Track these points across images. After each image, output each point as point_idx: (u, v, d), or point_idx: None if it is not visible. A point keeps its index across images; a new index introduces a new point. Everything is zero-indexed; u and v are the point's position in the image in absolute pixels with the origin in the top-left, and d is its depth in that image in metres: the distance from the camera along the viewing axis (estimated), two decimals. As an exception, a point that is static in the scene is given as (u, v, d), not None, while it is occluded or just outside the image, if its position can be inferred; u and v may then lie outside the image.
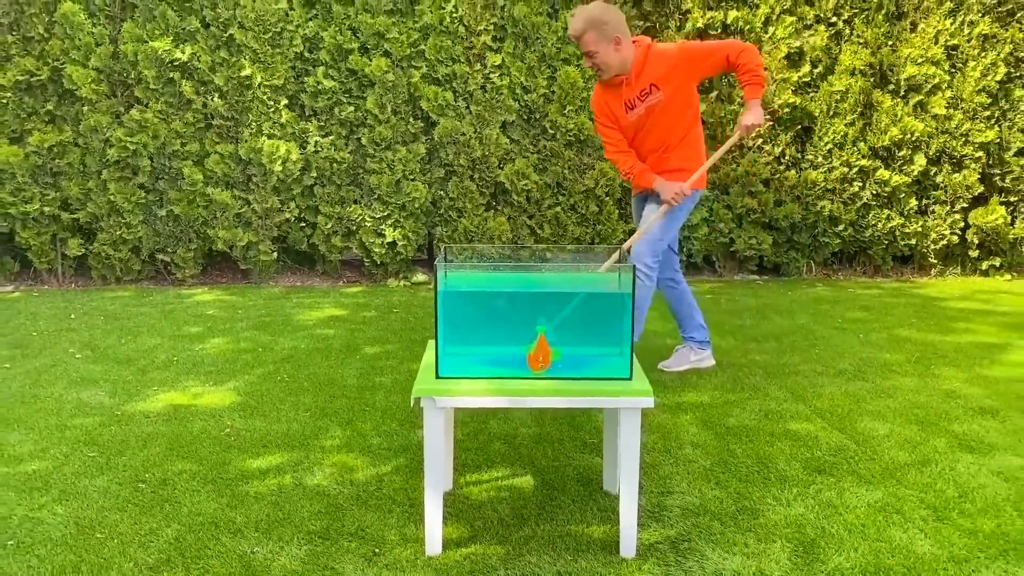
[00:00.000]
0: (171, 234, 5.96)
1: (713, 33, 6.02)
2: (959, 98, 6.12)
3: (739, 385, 3.92)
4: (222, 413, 3.54)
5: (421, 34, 5.79)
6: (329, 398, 3.72)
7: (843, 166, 6.11)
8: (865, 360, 4.30)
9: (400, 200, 5.87)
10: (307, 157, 5.84)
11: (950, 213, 6.29)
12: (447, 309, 2.42)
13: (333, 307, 5.41)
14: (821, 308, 5.46)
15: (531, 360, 2.38)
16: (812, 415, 3.54)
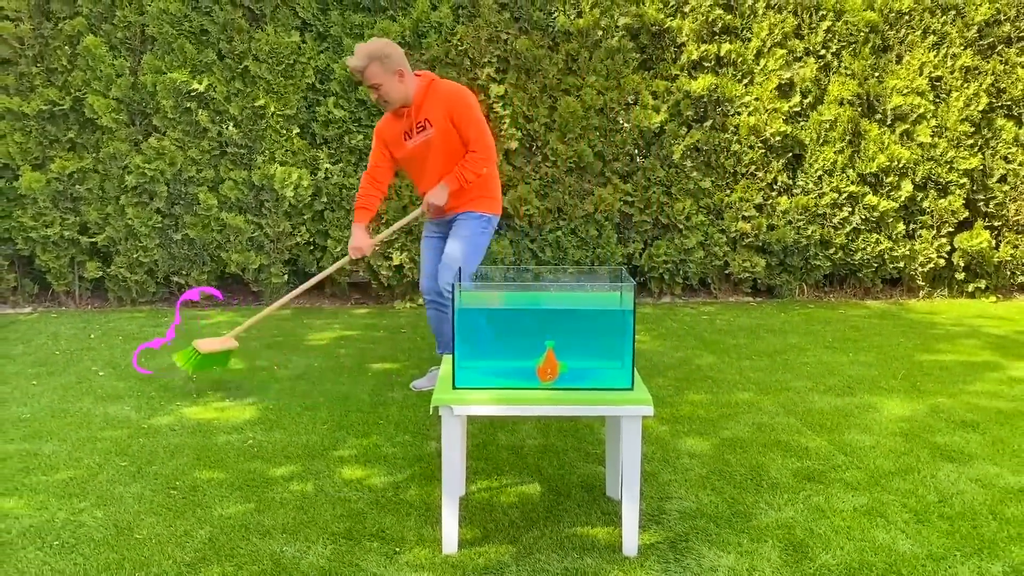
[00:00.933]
0: (186, 257, 6.17)
1: (707, 65, 6.28)
2: (943, 127, 6.38)
3: (734, 400, 4.12)
4: (244, 427, 3.73)
5: (428, 66, 6.04)
6: (344, 412, 3.91)
7: (833, 192, 6.36)
8: (854, 377, 4.51)
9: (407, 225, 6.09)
10: (318, 183, 6.07)
11: (936, 237, 6.52)
12: (463, 325, 2.63)
13: (343, 328, 5.61)
14: (812, 328, 5.67)
15: (540, 372, 2.59)
16: (802, 427, 3.74)
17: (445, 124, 3.72)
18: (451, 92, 3.75)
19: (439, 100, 3.72)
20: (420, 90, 3.73)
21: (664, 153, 6.29)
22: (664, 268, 6.42)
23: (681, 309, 6.35)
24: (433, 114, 3.72)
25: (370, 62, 3.59)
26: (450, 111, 3.71)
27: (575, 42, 6.11)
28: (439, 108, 3.72)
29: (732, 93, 6.24)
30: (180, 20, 5.87)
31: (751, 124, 6.22)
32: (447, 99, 3.72)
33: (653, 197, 6.31)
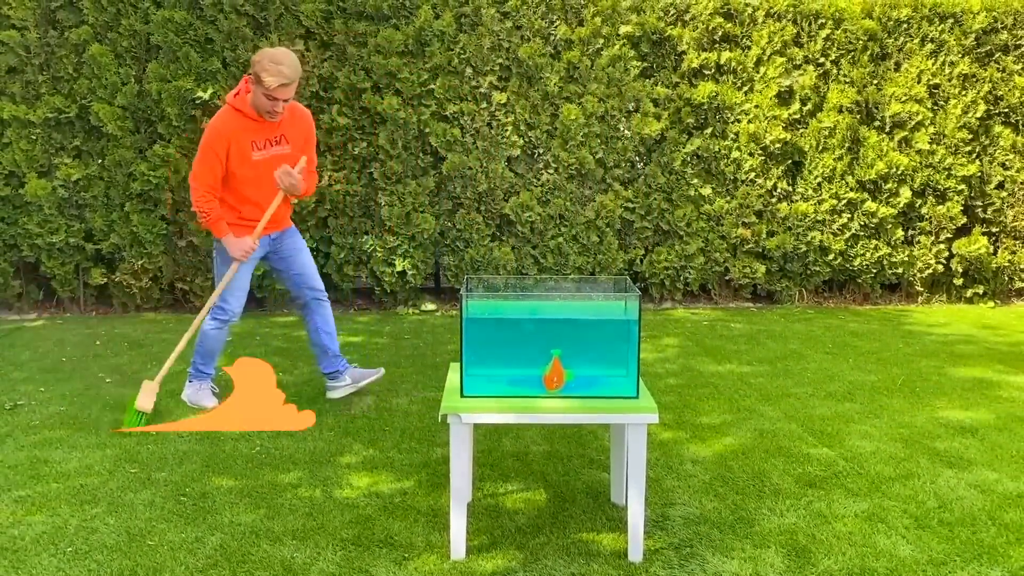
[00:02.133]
0: (190, 264, 6.21)
1: (708, 72, 6.34)
2: (942, 134, 6.43)
3: (736, 407, 4.16)
4: (250, 433, 3.77)
5: (431, 74, 6.09)
6: (350, 419, 3.95)
7: (832, 198, 6.41)
8: (854, 383, 4.55)
9: (410, 231, 6.14)
10: (321, 190, 6.12)
11: (935, 243, 6.58)
12: (471, 334, 2.67)
13: (346, 334, 5.65)
14: (813, 334, 5.72)
15: (547, 381, 2.63)
16: (804, 434, 3.78)
17: (300, 143, 3.86)
18: (305, 112, 3.95)
19: (301, 120, 3.87)
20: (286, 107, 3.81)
21: (665, 160, 6.34)
22: (665, 274, 6.46)
23: (682, 315, 6.39)
24: (293, 130, 3.81)
25: (297, 75, 3.63)
26: (309, 131, 3.94)
27: (576, 50, 6.16)
28: (300, 126, 3.86)
29: (732, 101, 6.29)
30: (185, 29, 5.92)
31: (751, 131, 6.27)
32: (305, 120, 3.91)
33: (654, 204, 6.36)
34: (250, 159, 3.70)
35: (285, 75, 3.52)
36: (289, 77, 3.54)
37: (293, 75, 3.56)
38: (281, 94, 3.55)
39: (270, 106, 3.59)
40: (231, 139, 3.65)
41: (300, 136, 3.83)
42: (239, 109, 3.67)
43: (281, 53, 3.56)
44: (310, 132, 3.89)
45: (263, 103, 3.60)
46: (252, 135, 3.69)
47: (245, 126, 3.68)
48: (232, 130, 3.66)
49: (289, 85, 3.55)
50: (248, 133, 3.68)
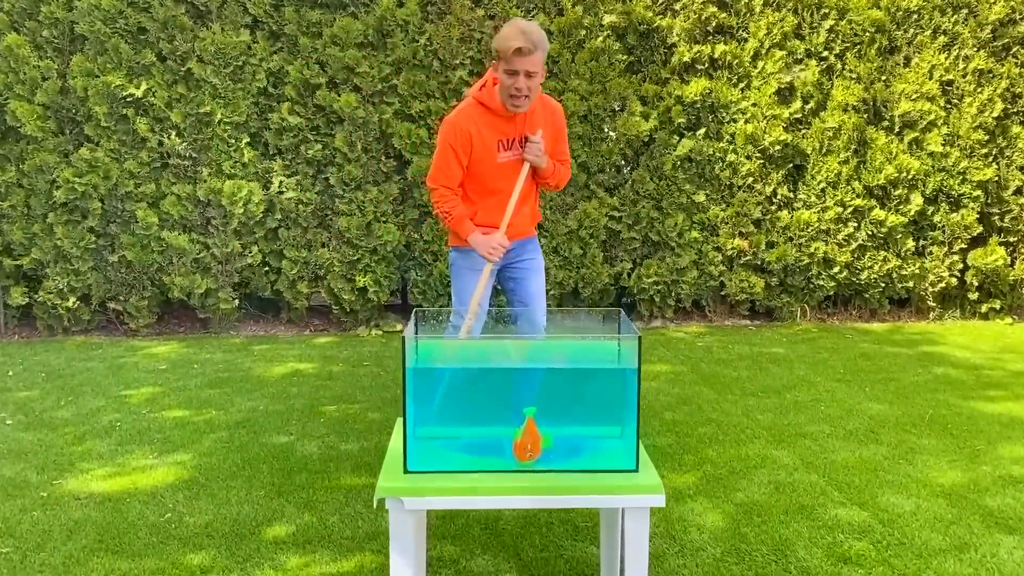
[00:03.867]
0: (123, 281, 5.53)
1: (700, 67, 5.74)
2: (955, 135, 5.88)
3: (743, 451, 3.56)
4: (164, 492, 3.12)
5: (393, 68, 5.47)
6: (287, 472, 3.30)
7: (837, 206, 5.84)
8: (875, 419, 3.96)
9: (371, 243, 5.50)
10: (271, 198, 5.47)
11: (948, 254, 6.02)
12: (418, 389, 2.04)
13: (297, 360, 5.00)
14: (820, 357, 5.13)
15: (518, 449, 2.01)
16: (828, 487, 3.18)
17: (548, 140, 3.19)
18: (555, 104, 3.31)
19: (552, 114, 3.23)
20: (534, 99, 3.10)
21: (654, 164, 5.73)
22: (655, 289, 5.86)
23: (674, 334, 5.79)
24: (546, 127, 3.17)
25: (542, 45, 2.95)
26: (560, 124, 3.29)
27: (556, 42, 5.55)
28: (553, 121, 3.23)
29: (727, 98, 5.70)
30: (114, 17, 5.25)
31: (748, 132, 5.68)
32: (556, 113, 3.27)
33: (642, 212, 5.75)
34: (495, 160, 3.10)
35: (524, 38, 2.87)
36: (530, 42, 2.88)
37: (535, 42, 2.90)
38: (521, 64, 2.89)
39: (512, 87, 2.93)
40: (472, 134, 3.06)
41: (549, 132, 3.19)
42: (482, 102, 3.07)
43: (521, 21, 3.00)
44: (561, 127, 3.28)
45: (505, 85, 2.96)
46: (498, 132, 3.08)
47: (489, 122, 3.08)
48: (474, 124, 3.06)
49: (529, 55, 2.88)
50: (493, 130, 3.07)
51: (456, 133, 3.05)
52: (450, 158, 3.08)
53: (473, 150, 3.07)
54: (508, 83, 2.94)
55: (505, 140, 3.08)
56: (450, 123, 3.08)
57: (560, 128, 3.27)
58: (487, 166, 3.10)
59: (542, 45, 2.93)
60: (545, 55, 2.96)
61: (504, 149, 3.09)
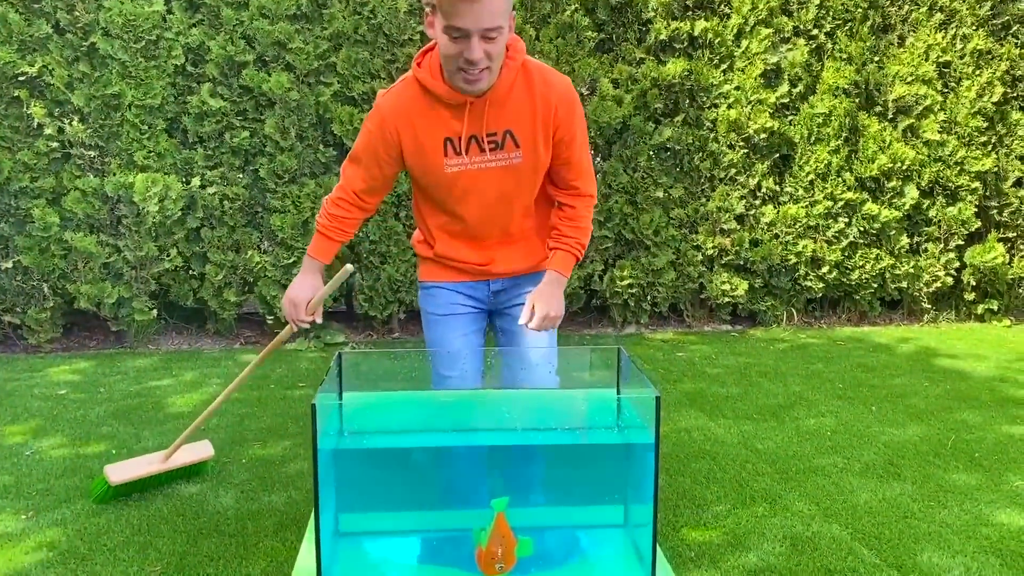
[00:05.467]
0: (20, 290, 4.78)
1: (679, 46, 5.16)
2: (953, 122, 5.40)
3: (748, 494, 2.99)
4: (30, 570, 2.44)
5: (332, 44, 4.79)
6: (193, 537, 2.64)
7: (827, 199, 5.31)
8: (891, 447, 3.43)
9: (308, 244, 4.81)
10: (191, 193, 4.75)
11: (944, 251, 5.54)
12: (336, 476, 1.42)
13: (221, 383, 4.31)
14: (814, 369, 4.60)
15: (483, 559, 1.39)
16: (854, 543, 2.62)
17: (539, 142, 2.01)
18: (564, 90, 2.01)
19: (540, 98, 1.98)
20: (507, 78, 1.94)
21: (628, 154, 5.14)
22: (629, 293, 5.28)
23: (650, 342, 5.22)
24: (521, 121, 1.99)
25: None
26: (557, 120, 2.01)
27: (518, 17, 4.92)
28: (534, 111, 1.98)
29: (709, 81, 5.13)
30: (2, -19, 4.49)
31: (731, 119, 5.12)
32: (560, 98, 1.99)
33: (615, 208, 5.16)
34: (440, 169, 2.02)
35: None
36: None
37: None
38: (470, 18, 1.75)
39: (460, 56, 1.82)
40: (400, 128, 1.99)
41: (543, 130, 1.99)
42: (421, 81, 1.95)
43: None
44: (567, 120, 2.01)
45: (448, 54, 1.83)
46: (444, 127, 1.97)
47: (430, 110, 1.96)
48: (406, 115, 1.98)
49: (481, 1, 1.74)
50: (436, 124, 1.97)
51: (379, 125, 2.01)
52: (363, 155, 2.08)
53: (405, 153, 2.02)
54: (453, 50, 1.81)
55: (455, 139, 1.97)
56: (377, 108, 2.03)
57: (566, 121, 2.00)
58: (432, 175, 2.04)
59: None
60: (510, 2, 1.83)
61: (454, 153, 1.99)
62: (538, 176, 2.07)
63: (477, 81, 1.87)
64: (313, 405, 1.31)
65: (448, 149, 1.99)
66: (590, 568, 1.45)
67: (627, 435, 1.45)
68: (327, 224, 2.20)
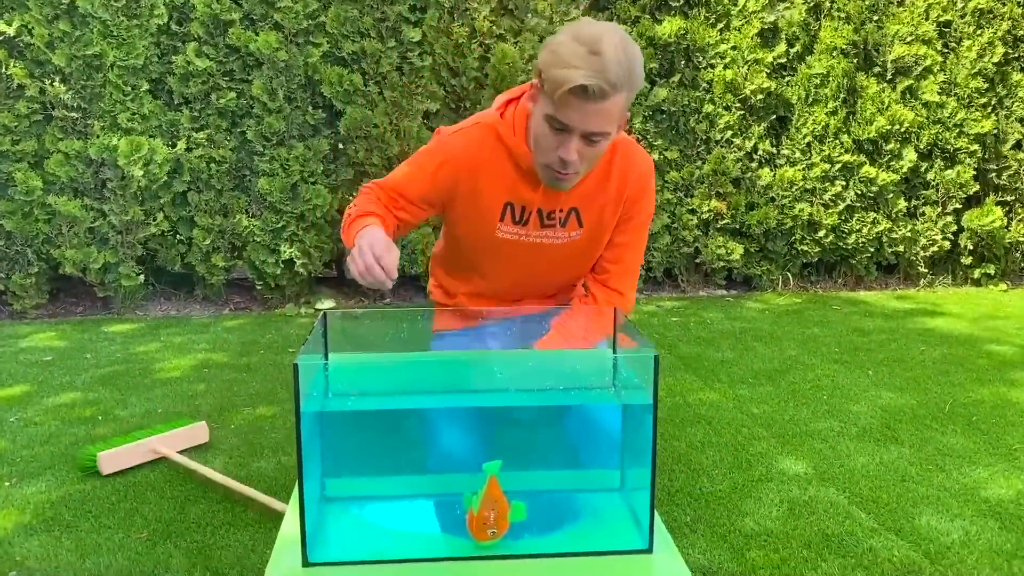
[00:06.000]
0: (3, 256, 4.69)
1: (675, 4, 5.04)
2: (952, 83, 5.31)
3: (744, 458, 2.95)
4: (13, 538, 2.39)
5: (321, 3, 4.67)
6: (182, 503, 2.60)
7: (824, 162, 5.24)
8: (888, 411, 3.40)
9: (298, 208, 4.73)
10: (177, 156, 4.65)
11: (942, 215, 5.49)
12: (321, 440, 1.37)
13: (210, 348, 4.25)
14: (810, 333, 4.56)
15: (474, 524, 1.34)
16: (852, 507, 2.59)
17: (605, 221, 1.76)
18: (644, 170, 1.76)
19: (618, 173, 1.72)
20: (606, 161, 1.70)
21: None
22: (623, 258, 5.21)
23: (644, 307, 5.17)
24: (591, 199, 1.72)
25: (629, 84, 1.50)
26: (630, 199, 1.75)
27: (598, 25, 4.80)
28: (607, 188, 1.72)
29: (705, 40, 5.03)
30: (-23, -64, 4.35)
31: (727, 79, 5.03)
32: (639, 176, 1.74)
33: (609, 170, 5.08)
34: (492, 230, 1.73)
35: (596, 69, 1.44)
36: (606, 79, 1.44)
37: (616, 79, 1.45)
38: (580, 116, 1.49)
39: (555, 151, 1.56)
40: (460, 179, 1.70)
41: (612, 208, 1.74)
42: (501, 136, 1.67)
43: (600, 27, 1.49)
44: (635, 199, 1.75)
45: (542, 141, 1.57)
46: (511, 191, 1.70)
47: (495, 164, 1.69)
48: (468, 162, 1.69)
49: (599, 101, 1.46)
50: (504, 183, 1.69)
51: (439, 167, 1.70)
52: (412, 183, 1.73)
53: (455, 205, 1.73)
54: (548, 141, 1.54)
55: (517, 207, 1.70)
56: (440, 147, 1.73)
57: (633, 199, 1.74)
58: (478, 235, 1.75)
59: (627, 83, 1.47)
60: (631, 96, 1.53)
61: (512, 221, 1.71)
62: (595, 256, 1.82)
63: (562, 180, 1.60)
64: (295, 365, 1.24)
65: (506, 214, 1.70)
66: (585, 533, 1.41)
67: (624, 396, 1.39)
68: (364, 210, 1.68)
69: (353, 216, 1.66)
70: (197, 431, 3.04)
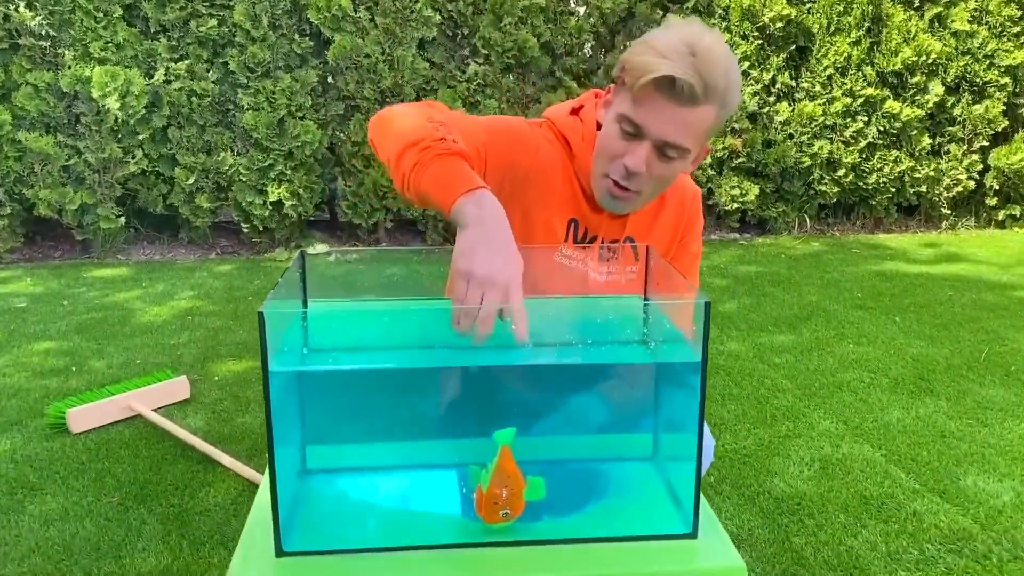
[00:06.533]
0: (-24, 195, 4.41)
1: (689, -76, 4.67)
2: (984, 10, 4.97)
3: (769, 412, 2.73)
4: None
5: (306, -80, 4.31)
6: (158, 463, 2.38)
7: (845, 96, 4.93)
8: (921, 361, 3.17)
9: (285, 145, 4.43)
10: (155, 89, 4.34)
11: (967, 153, 5.19)
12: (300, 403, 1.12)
13: (194, 295, 4.00)
14: (830, 278, 4.32)
15: (484, 504, 1.10)
16: (890, 465, 2.38)
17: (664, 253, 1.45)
18: (696, 192, 1.48)
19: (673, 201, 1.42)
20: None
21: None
22: (631, 199, 4.93)
23: (653, 251, 4.91)
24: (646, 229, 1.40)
25: (723, 99, 1.18)
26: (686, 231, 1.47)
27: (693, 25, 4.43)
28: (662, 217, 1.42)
29: (721, -37, 4.68)
30: None
31: (745, 6, 4.69)
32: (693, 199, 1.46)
33: (618, 105, 4.77)
34: (550, 255, 1.38)
35: (687, 64, 1.13)
36: (700, 78, 1.13)
37: (710, 82, 1.14)
38: (656, 120, 1.18)
39: (619, 160, 1.23)
40: (538, 176, 1.33)
41: (671, 238, 1.44)
42: (567, 139, 1.34)
43: (695, 24, 1.17)
44: (692, 225, 1.47)
45: (607, 147, 1.25)
46: (575, 209, 1.35)
47: (569, 184, 1.34)
48: (538, 167, 1.32)
49: (685, 105, 1.16)
50: (570, 200, 1.35)
51: (529, 143, 1.31)
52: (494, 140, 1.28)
53: (529, 196, 1.32)
54: (614, 147, 1.23)
55: (582, 226, 1.36)
56: (530, 132, 1.33)
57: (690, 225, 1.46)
58: (535, 252, 1.35)
59: (721, 98, 1.17)
60: (721, 119, 1.21)
61: (575, 238, 1.37)
62: None
63: (619, 199, 1.27)
64: (260, 314, 0.98)
65: (570, 234, 1.36)
66: (615, 513, 1.16)
67: (666, 352, 1.14)
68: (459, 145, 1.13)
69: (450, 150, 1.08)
70: (177, 386, 2.81)
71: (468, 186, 1.04)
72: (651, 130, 1.19)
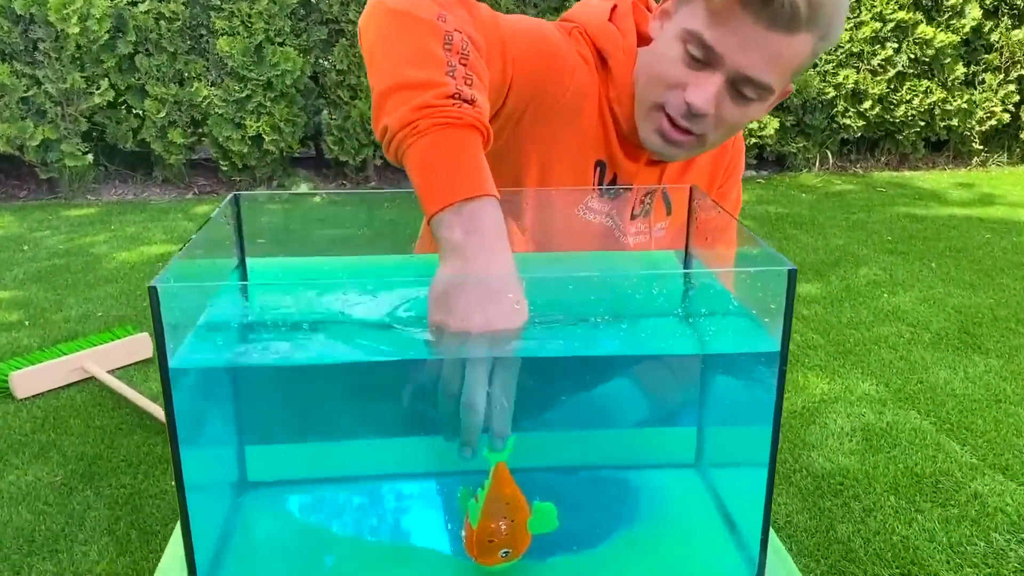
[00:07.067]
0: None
1: None
2: (1029, -76, 4.54)
3: (800, 371, 2.45)
4: None
5: None
6: (111, 434, 2.10)
7: (874, 20, 4.53)
8: (964, 312, 2.87)
9: (264, 74, 4.06)
10: (119, 11, 3.95)
11: (1004, 83, 4.81)
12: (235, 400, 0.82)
13: (166, 239, 3.69)
14: (855, 219, 4.00)
15: (476, 543, 0.80)
16: (942, 436, 2.10)
17: None
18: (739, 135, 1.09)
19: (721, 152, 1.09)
20: None
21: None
22: (640, 133, 4.58)
23: (663, 190, 4.57)
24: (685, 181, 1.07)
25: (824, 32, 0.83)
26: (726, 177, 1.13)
27: None
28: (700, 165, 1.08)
29: None
30: None
31: (769, -82, 4.25)
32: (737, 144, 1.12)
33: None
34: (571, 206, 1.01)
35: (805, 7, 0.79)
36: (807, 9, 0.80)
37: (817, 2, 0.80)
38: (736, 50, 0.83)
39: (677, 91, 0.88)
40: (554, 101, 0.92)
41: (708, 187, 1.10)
42: (603, 56, 0.95)
43: None
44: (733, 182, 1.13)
45: (666, 65, 0.88)
46: (597, 144, 0.98)
47: (593, 108, 0.96)
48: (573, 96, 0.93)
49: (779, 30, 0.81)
50: (599, 138, 0.97)
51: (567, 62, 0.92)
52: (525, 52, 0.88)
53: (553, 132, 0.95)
54: (676, 74, 0.88)
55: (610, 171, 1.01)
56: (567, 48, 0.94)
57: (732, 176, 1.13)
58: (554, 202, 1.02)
59: (824, 24, 0.82)
60: (816, 55, 0.87)
61: (599, 192, 1.01)
62: None
63: (675, 144, 0.94)
64: (152, 289, 0.67)
65: (595, 178, 1.02)
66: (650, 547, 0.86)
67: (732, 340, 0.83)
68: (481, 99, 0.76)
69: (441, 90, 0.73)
70: (138, 344, 2.52)
71: (464, 192, 0.72)
72: (730, 59, 0.86)
